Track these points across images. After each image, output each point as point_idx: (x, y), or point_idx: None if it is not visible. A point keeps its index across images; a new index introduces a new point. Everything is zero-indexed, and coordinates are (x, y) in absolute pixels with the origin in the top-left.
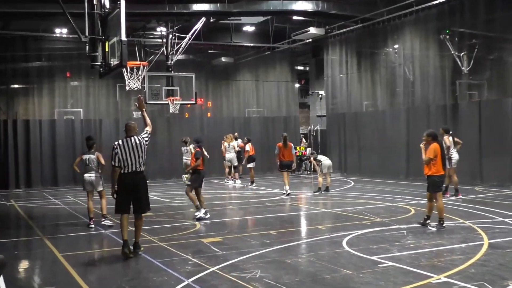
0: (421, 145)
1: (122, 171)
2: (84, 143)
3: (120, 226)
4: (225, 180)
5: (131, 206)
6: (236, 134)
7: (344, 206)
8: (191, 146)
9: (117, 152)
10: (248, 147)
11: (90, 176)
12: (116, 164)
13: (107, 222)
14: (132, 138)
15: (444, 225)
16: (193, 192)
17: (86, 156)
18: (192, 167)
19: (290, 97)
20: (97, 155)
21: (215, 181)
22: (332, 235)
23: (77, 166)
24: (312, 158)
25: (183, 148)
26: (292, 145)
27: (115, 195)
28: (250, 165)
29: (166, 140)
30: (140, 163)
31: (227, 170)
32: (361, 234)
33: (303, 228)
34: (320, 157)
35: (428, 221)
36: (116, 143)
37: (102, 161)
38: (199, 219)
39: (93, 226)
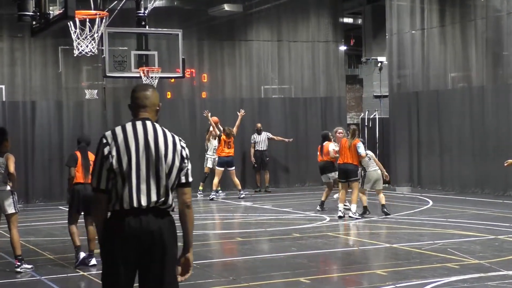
0: None
1: (115, 207)
2: None
3: None
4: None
5: None
6: (259, 125)
7: (417, 239)
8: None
9: (108, 153)
10: (215, 143)
11: None
12: (103, 186)
13: (23, 268)
14: (149, 125)
15: None
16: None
17: None
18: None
19: (332, 67)
20: (6, 157)
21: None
22: (398, 285)
23: None
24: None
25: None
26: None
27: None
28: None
29: None
30: (162, 188)
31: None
32: (445, 284)
33: (352, 273)
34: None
35: None
36: (107, 134)
37: (11, 168)
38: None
39: None
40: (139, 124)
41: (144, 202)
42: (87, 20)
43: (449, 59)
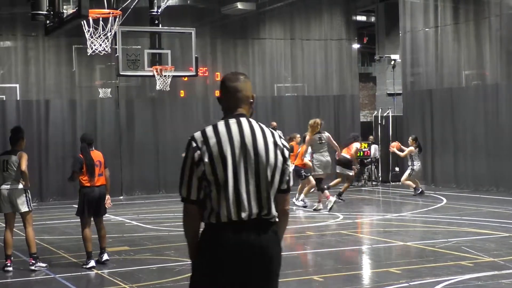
0: None
1: (211, 219)
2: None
3: None
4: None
5: None
6: (274, 123)
7: (431, 237)
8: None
9: (199, 160)
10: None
11: (7, 188)
12: (193, 197)
13: (38, 266)
14: (245, 123)
15: None
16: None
17: (3, 157)
18: None
19: (345, 65)
20: (20, 155)
21: None
22: (411, 283)
23: None
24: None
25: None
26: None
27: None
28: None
29: (150, 134)
30: (264, 197)
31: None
32: (459, 282)
33: (366, 271)
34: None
35: None
36: (196, 136)
37: (23, 166)
38: None
39: (10, 268)
40: (233, 123)
41: (244, 215)
42: (101, 19)
43: (463, 57)
